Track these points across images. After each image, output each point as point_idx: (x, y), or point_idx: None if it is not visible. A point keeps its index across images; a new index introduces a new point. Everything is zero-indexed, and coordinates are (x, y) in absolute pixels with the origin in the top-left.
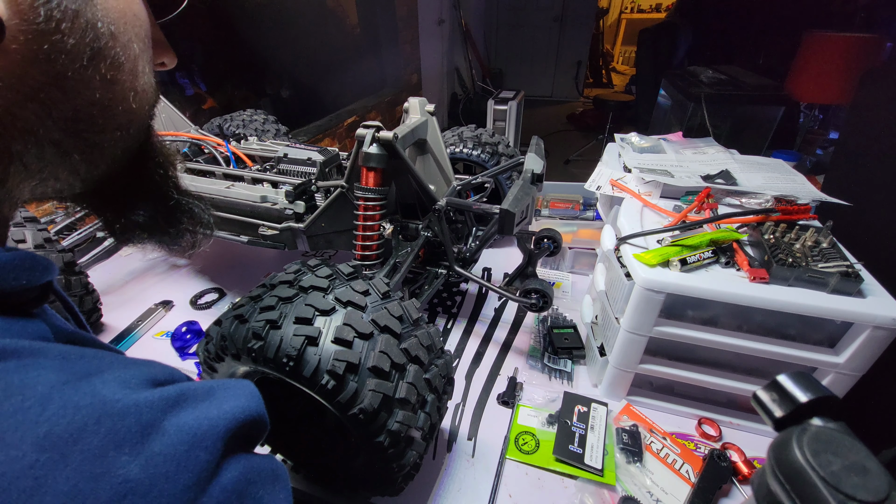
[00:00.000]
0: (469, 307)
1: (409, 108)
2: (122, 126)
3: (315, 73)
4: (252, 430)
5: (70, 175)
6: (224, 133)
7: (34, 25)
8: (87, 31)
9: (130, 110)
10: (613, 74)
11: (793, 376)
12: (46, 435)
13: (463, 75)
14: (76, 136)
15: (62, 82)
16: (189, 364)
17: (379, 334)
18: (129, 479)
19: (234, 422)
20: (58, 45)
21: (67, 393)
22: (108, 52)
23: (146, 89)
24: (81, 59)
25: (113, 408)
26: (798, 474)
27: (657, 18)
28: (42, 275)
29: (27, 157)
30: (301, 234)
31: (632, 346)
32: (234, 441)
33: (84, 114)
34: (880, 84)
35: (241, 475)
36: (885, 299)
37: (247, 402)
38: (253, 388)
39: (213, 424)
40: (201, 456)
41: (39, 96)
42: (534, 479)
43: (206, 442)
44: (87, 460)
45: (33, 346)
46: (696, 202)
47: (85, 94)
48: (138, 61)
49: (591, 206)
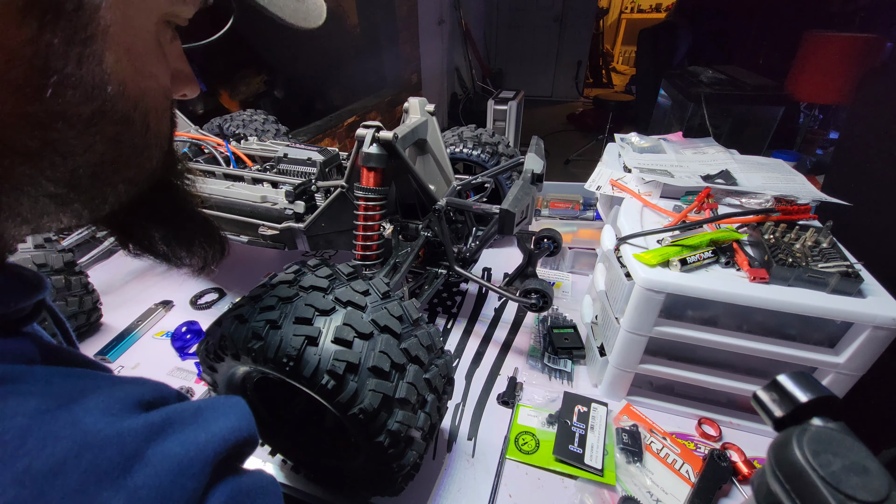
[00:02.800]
0: (469, 307)
1: (409, 108)
2: (131, 179)
3: (315, 73)
4: (242, 450)
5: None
6: (224, 133)
7: (28, 91)
8: (92, 95)
9: (136, 164)
10: (613, 74)
11: (793, 376)
12: (26, 470)
13: (463, 75)
14: (76, 190)
15: (61, 146)
16: (189, 364)
17: (379, 334)
18: None
19: (224, 444)
20: (56, 110)
21: (47, 423)
22: (114, 112)
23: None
24: (84, 120)
25: (94, 438)
26: (798, 474)
27: (657, 18)
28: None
29: (21, 209)
30: (301, 234)
31: (632, 346)
32: (222, 465)
33: (84, 172)
34: (880, 84)
35: (228, 499)
36: (885, 299)
37: (237, 423)
38: (243, 406)
39: (200, 450)
40: (188, 485)
41: (35, 161)
42: (534, 479)
43: (193, 469)
44: (67, 496)
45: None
46: (696, 202)
47: (88, 154)
48: (149, 116)
49: (591, 206)
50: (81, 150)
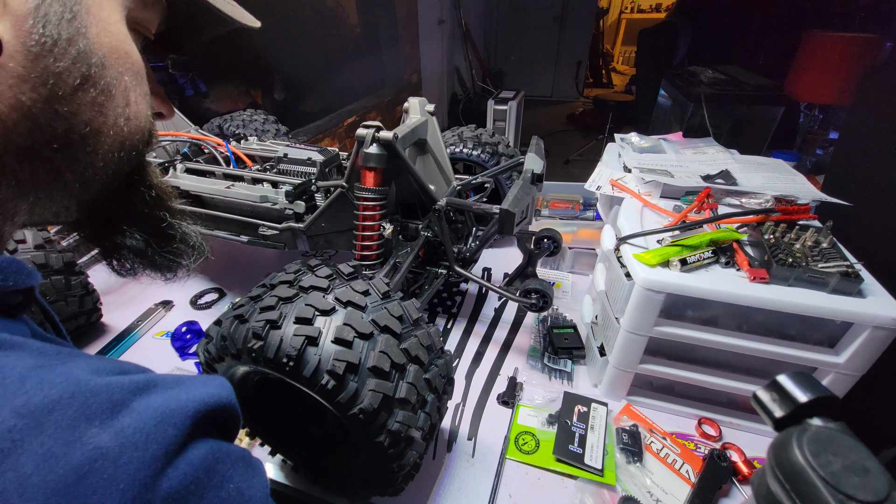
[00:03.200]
0: (469, 307)
1: (409, 108)
2: (114, 149)
3: (315, 73)
4: (223, 418)
5: (64, 195)
6: (224, 133)
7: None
8: (78, 58)
9: (121, 135)
10: (613, 74)
11: (793, 376)
12: (24, 404)
13: (463, 75)
14: (68, 156)
15: (54, 103)
16: (189, 364)
17: (379, 334)
18: (100, 446)
19: (203, 405)
20: (50, 68)
21: (44, 373)
22: (98, 80)
23: (138, 118)
24: (72, 83)
25: (86, 385)
26: (798, 474)
27: (657, 18)
28: (27, 279)
29: (20, 173)
30: (301, 234)
31: (632, 346)
32: (202, 423)
33: (75, 134)
34: (880, 84)
35: (208, 453)
36: (885, 299)
37: (216, 391)
38: (224, 381)
39: (181, 405)
40: (170, 431)
41: (32, 113)
42: (534, 479)
43: (174, 419)
44: (61, 429)
45: (13, 339)
46: (696, 202)
47: (76, 116)
48: (129, 92)
49: (591, 206)
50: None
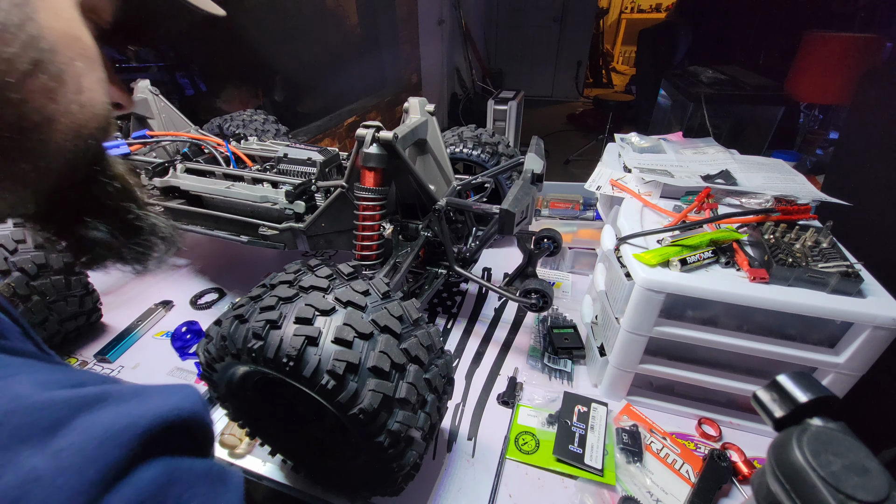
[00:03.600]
0: (469, 307)
1: (409, 108)
2: (68, 137)
3: (315, 73)
4: (189, 432)
5: (18, 185)
6: (224, 133)
7: None
8: (28, 43)
9: (76, 123)
10: (613, 74)
11: (793, 376)
12: None
13: (463, 75)
14: (20, 144)
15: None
16: (189, 364)
17: (379, 334)
18: (34, 468)
19: (158, 420)
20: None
21: None
22: (48, 66)
23: (93, 104)
24: (22, 69)
25: (25, 402)
26: (798, 474)
27: (657, 18)
28: None
29: None
30: (301, 234)
31: (632, 346)
32: (157, 440)
33: (27, 122)
34: (880, 84)
35: (160, 475)
36: (885, 299)
37: (178, 402)
38: (192, 390)
39: (131, 422)
40: (112, 452)
41: None
42: (534, 479)
43: (120, 438)
44: None
45: None
46: (696, 202)
47: (27, 103)
48: (82, 79)
49: (591, 206)
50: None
